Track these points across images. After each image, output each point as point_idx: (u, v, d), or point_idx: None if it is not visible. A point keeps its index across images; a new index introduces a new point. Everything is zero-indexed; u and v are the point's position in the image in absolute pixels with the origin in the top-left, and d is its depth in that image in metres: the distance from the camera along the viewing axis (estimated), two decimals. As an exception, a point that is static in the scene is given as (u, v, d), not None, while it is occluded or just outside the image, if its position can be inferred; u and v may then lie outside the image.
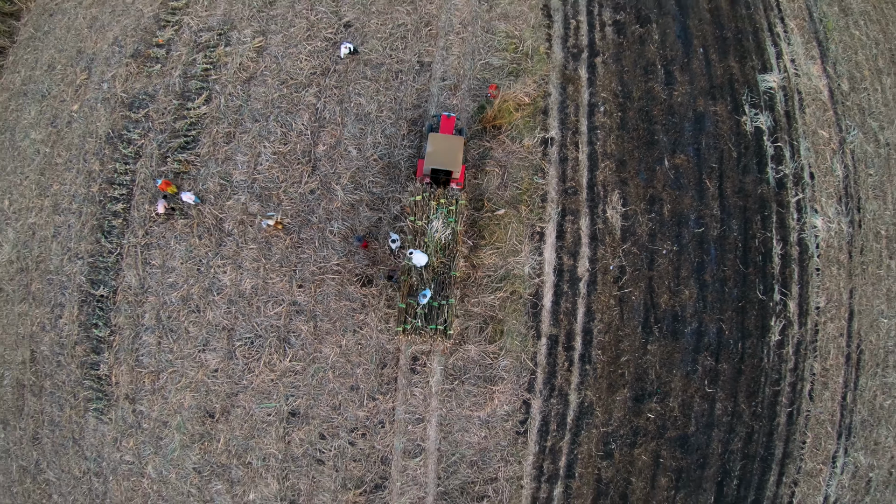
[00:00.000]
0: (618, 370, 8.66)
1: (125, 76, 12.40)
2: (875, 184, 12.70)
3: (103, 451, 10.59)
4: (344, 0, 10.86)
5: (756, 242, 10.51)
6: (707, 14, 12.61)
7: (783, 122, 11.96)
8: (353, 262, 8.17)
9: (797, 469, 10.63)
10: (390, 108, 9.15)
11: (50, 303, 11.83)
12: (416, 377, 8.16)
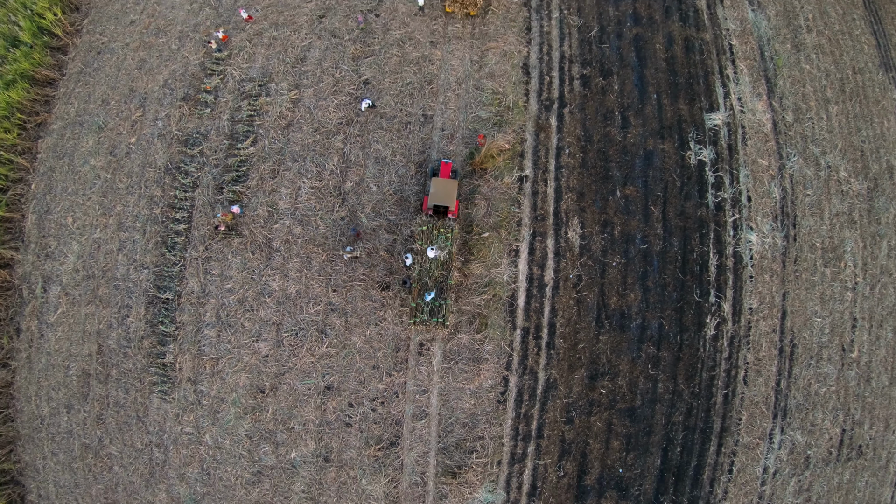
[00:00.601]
0: (576, 355, 13.43)
1: (178, 116, 17.31)
2: (813, 202, 17.64)
3: (165, 425, 15.46)
4: (363, 60, 15.68)
5: (694, 255, 15.33)
6: (663, 63, 17.53)
7: (725, 154, 16.87)
8: (375, 272, 13.08)
9: (735, 442, 15.39)
10: (401, 153, 14.01)
11: (117, 304, 16.78)
12: (422, 358, 12.98)
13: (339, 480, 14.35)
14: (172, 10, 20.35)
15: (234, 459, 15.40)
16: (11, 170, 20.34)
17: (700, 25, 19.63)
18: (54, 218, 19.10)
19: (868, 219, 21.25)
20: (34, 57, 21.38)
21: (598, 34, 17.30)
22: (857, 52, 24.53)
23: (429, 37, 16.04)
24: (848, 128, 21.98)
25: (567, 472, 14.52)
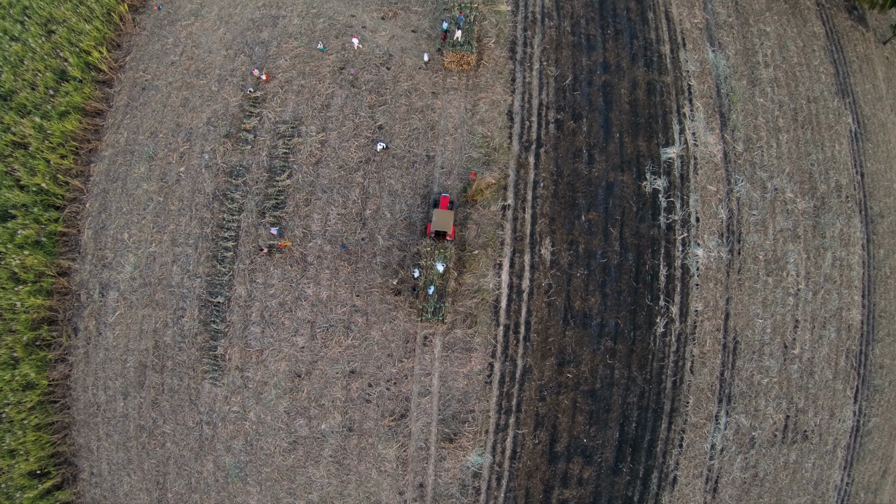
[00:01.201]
0: (547, 346, 19.90)
1: (222, 151, 23.85)
2: (757, 221, 24.28)
3: (215, 406, 22.06)
4: (377, 108, 22.16)
5: (646, 267, 21.86)
6: (627, 105, 24.12)
7: (677, 182, 23.45)
8: (389, 281, 19.60)
9: (684, 421, 22.00)
10: (410, 187, 20.49)
11: (172, 307, 23.40)
12: (426, 348, 19.48)
13: (360, 446, 20.83)
14: (210, 55, 26.94)
15: (273, 432, 21.90)
16: (67, 190, 27.11)
17: (663, 69, 26.18)
18: (110, 233, 25.78)
19: (813, 233, 27.97)
20: (84, 91, 28.16)
21: (572, 83, 23.85)
22: (813, 82, 31.35)
23: (431, 88, 22.58)
24: (798, 153, 28.67)
25: (541, 441, 21.02)
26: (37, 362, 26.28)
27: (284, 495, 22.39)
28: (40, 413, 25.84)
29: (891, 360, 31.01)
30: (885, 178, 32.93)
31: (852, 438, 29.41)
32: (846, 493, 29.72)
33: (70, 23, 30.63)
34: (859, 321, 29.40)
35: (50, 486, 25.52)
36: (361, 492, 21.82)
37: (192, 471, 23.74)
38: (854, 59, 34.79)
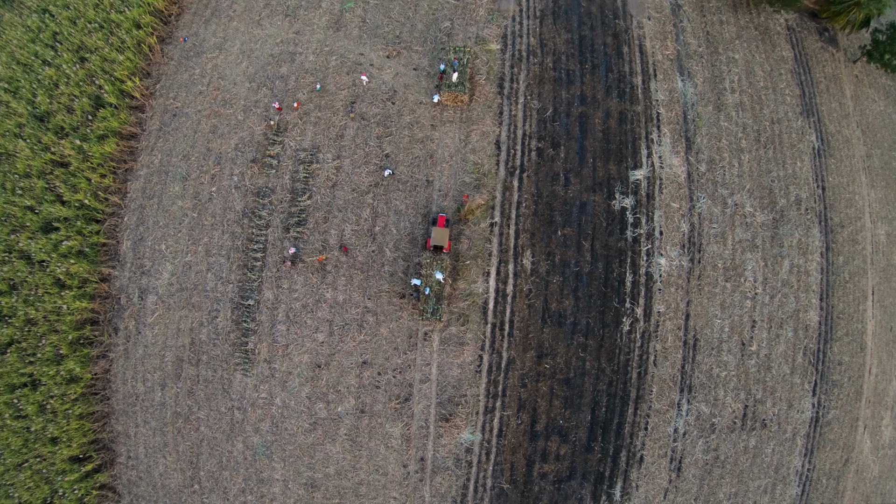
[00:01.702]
0: (527, 341, 26.74)
1: (250, 174, 30.73)
2: (717, 233, 31.20)
3: (245, 393, 29.03)
4: (384, 138, 28.97)
5: (614, 275, 28.69)
6: (600, 133, 30.98)
7: (644, 200, 30.32)
8: (397, 287, 26.54)
9: (648, 407, 28.95)
10: (412, 207, 27.32)
11: (207, 309, 30.39)
12: (426, 342, 26.40)
13: (370, 426, 27.56)
14: (235, 86, 33.80)
15: (296, 415, 28.71)
16: (107, 206, 34.05)
17: (634, 99, 32.95)
18: (148, 244, 32.69)
19: (771, 243, 34.79)
20: (121, 116, 35.13)
21: (552, 114, 30.57)
22: (778, 104, 38.22)
23: (430, 121, 29.36)
24: (759, 171, 35.48)
25: (523, 421, 27.76)
26: (80, 358, 33.35)
27: (305, 469, 29.23)
28: (83, 403, 32.86)
29: (850, 357, 37.89)
30: (847, 191, 39.78)
31: (812, 428, 36.25)
32: (808, 479, 36.60)
33: (103, 52, 37.68)
34: (817, 322, 36.23)
35: (90, 469, 32.50)
36: (371, 465, 28.65)
37: (224, 450, 30.64)
38: (822, 80, 41.69)
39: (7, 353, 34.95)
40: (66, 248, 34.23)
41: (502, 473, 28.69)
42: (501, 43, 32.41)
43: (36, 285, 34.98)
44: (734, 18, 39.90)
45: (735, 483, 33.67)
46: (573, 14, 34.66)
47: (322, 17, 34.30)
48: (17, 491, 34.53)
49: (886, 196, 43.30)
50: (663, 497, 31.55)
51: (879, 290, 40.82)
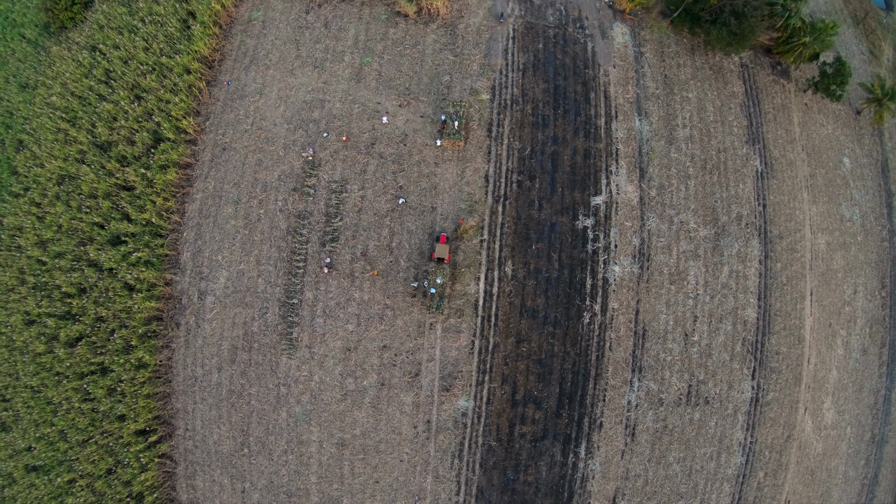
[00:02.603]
0: (509, 330, 43.03)
1: (292, 200, 46.87)
2: (664, 245, 47.88)
3: (289, 372, 45.51)
4: (398, 173, 44.77)
5: (577, 279, 44.98)
6: (568, 168, 47.32)
7: (602, 221, 46.71)
8: (408, 289, 42.85)
9: (605, 383, 45.67)
10: (421, 228, 43.29)
11: (258, 307, 46.87)
12: (431, 331, 42.71)
13: (388, 396, 43.55)
14: (275, 127, 49.84)
15: (330, 388, 44.80)
16: (169, 223, 50.18)
17: (597, 138, 48.93)
18: (205, 255, 48.85)
19: (712, 253, 51.02)
20: (179, 150, 51.38)
21: (530, 153, 46.37)
22: (725, 135, 54.51)
23: (434, 160, 45.06)
24: (703, 193, 51.68)
25: (506, 392, 43.82)
26: (148, 349, 49.58)
27: (336, 431, 45.22)
28: (149, 385, 49.03)
29: (787, 348, 54.00)
30: (787, 207, 55.91)
31: (752, 407, 52.33)
32: (751, 450, 52.70)
33: (158, 93, 53.90)
34: (755, 318, 52.33)
35: (154, 440, 48.66)
36: (389, 427, 44.61)
37: (270, 419, 46.73)
38: (770, 110, 57.95)
39: (76, 346, 51.31)
40: (135, 259, 50.53)
41: (490, 433, 44.72)
42: (490, 93, 48.21)
43: (106, 289, 51.30)
44: (691, 60, 55.97)
45: (683, 449, 49.68)
46: (550, 66, 50.47)
47: (345, 69, 50.15)
48: (81, 464, 50.89)
49: (829, 210, 59.46)
50: (620, 457, 47.55)
51: (818, 292, 56.91)
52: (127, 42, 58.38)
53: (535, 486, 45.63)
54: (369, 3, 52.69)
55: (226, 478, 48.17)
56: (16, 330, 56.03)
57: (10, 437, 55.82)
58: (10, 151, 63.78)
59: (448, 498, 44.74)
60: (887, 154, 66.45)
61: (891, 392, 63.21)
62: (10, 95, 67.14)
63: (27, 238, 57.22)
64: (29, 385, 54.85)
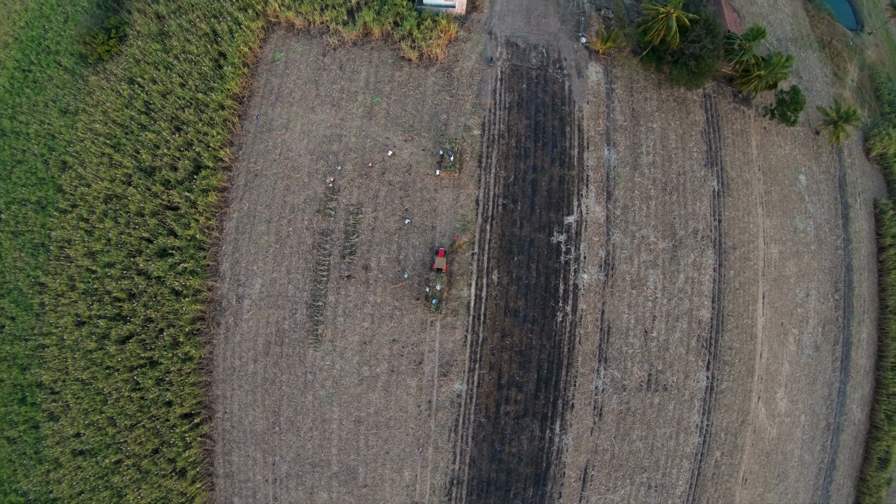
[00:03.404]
0: (495, 326, 62.90)
1: (316, 220, 66.57)
2: (626, 256, 68.03)
3: (315, 362, 65.59)
4: (405, 198, 64.00)
5: (551, 285, 64.76)
6: (545, 192, 67.03)
7: (573, 236, 66.50)
8: (414, 293, 62.80)
9: (576, 371, 65.82)
10: (423, 243, 62.78)
11: (288, 308, 66.96)
12: (432, 327, 62.53)
13: (397, 380, 63.08)
14: (299, 157, 69.42)
15: (349, 375, 64.58)
16: (210, 238, 70.21)
17: (571, 166, 68.28)
18: (242, 265, 68.79)
19: (670, 263, 70.81)
20: (218, 176, 71.36)
21: (513, 181, 65.50)
22: (685, 160, 74.33)
23: (434, 187, 64.15)
24: (663, 211, 71.33)
25: (493, 377, 63.46)
26: (194, 344, 69.54)
27: (354, 410, 64.91)
28: (194, 375, 68.99)
29: (740, 344, 73.48)
30: (741, 221, 75.29)
31: (707, 394, 71.86)
32: (707, 432, 72.25)
33: (196, 126, 73.69)
34: (709, 318, 71.81)
35: (198, 422, 68.61)
36: (397, 406, 64.24)
37: (299, 402, 66.52)
38: (729, 135, 77.39)
39: (127, 344, 71.26)
40: (181, 268, 70.36)
41: (480, 411, 64.31)
42: (481, 129, 67.28)
43: (155, 294, 71.19)
44: (657, 94, 75.15)
45: (645, 429, 69.10)
46: (532, 104, 69.53)
47: (358, 108, 69.23)
48: (129, 446, 70.88)
49: (782, 223, 78.65)
50: (590, 434, 67.04)
51: (770, 295, 76.14)
52: (164, 77, 78.19)
53: (518, 456, 65.17)
54: (378, 49, 72.17)
55: (259, 453, 67.93)
56: (66, 330, 75.89)
57: (57, 426, 75.76)
58: (54, 171, 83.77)
59: (446, 465, 64.31)
60: (845, 169, 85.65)
61: (845, 385, 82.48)
62: (50, 119, 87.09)
63: (76, 249, 77.11)
64: (78, 378, 74.67)
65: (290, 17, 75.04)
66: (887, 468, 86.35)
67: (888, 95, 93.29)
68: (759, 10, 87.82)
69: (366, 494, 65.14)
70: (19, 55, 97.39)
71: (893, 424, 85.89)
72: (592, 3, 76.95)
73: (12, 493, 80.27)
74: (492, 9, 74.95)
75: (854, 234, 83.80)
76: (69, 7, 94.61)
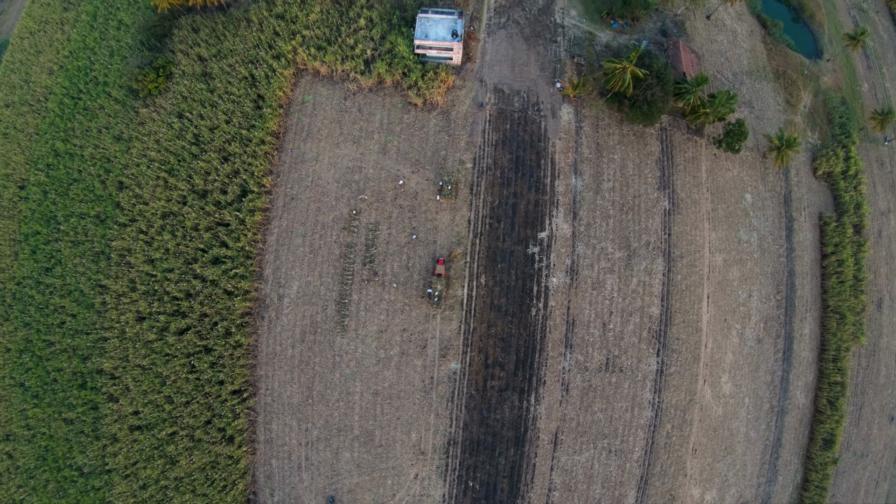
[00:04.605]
0: (483, 318, 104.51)
1: (343, 235, 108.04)
2: (588, 264, 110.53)
3: (342, 347, 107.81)
4: (413, 218, 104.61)
5: (527, 287, 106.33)
6: (523, 213, 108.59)
7: (545, 248, 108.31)
8: (420, 295, 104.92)
9: (547, 354, 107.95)
10: (427, 254, 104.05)
11: (320, 305, 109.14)
12: (434, 319, 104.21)
13: (406, 361, 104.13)
14: (328, 185, 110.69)
15: (368, 357, 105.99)
16: (255, 249, 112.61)
17: (544, 192, 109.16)
18: (282, 271, 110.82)
19: (625, 269, 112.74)
20: (262, 199, 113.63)
21: (498, 204, 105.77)
22: (641, 185, 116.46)
23: (435, 209, 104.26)
24: (620, 228, 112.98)
25: (481, 358, 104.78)
26: (243, 334, 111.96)
27: (371, 384, 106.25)
28: (243, 359, 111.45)
29: (686, 335, 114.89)
30: (689, 235, 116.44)
31: (658, 376, 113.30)
32: (659, 407, 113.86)
33: (242, 157, 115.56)
34: (658, 314, 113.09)
35: (245, 396, 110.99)
36: (406, 381, 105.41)
37: (328, 379, 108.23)
38: (681, 162, 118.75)
39: (185, 335, 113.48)
40: (232, 273, 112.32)
41: (471, 385, 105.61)
42: (473, 163, 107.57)
43: (210, 294, 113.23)
44: (619, 130, 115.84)
45: (604, 402, 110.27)
46: (514, 141, 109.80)
47: (374, 145, 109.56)
48: (185, 419, 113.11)
49: (727, 235, 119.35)
50: (559, 405, 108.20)
51: (714, 296, 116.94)
52: (210, 114, 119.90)
53: (501, 422, 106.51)
54: (389, 95, 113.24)
55: (294, 421, 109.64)
56: (128, 325, 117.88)
57: (116, 406, 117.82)
58: (111, 189, 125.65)
59: (444, 428, 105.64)
60: (792, 187, 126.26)
61: (788, 373, 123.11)
62: (104, 144, 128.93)
63: (136, 257, 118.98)
64: (139, 365, 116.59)
65: (317, 65, 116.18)
66: (832, 448, 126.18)
67: (839, 119, 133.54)
68: (719, 48, 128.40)
69: (381, 453, 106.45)
70: (66, 83, 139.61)
71: (836, 410, 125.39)
72: (567, 52, 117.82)
73: (66, 469, 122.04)
74: (483, 59, 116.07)
75: (798, 243, 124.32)
76: (113, 42, 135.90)
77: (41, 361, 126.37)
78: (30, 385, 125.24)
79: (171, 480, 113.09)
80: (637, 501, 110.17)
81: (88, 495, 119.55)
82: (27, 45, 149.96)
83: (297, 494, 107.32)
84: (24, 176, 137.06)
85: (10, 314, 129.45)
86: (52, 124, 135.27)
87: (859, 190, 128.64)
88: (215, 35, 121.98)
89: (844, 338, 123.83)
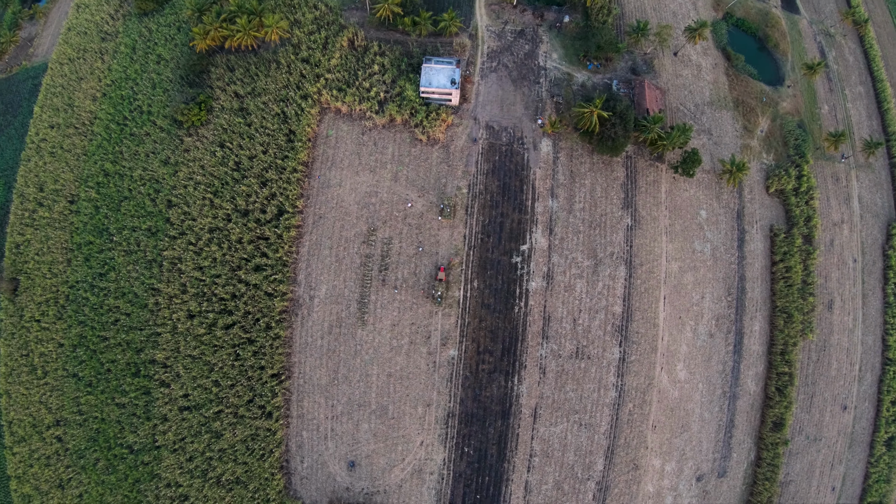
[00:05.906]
0: (475, 314, 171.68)
1: (363, 248, 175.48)
2: (561, 271, 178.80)
3: (362, 338, 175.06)
4: (419, 234, 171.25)
5: (510, 290, 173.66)
6: (508, 230, 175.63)
7: (527, 258, 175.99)
8: (425, 295, 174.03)
9: (527, 344, 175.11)
10: (430, 263, 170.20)
11: (344, 304, 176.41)
12: (437, 315, 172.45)
13: (414, 349, 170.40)
14: (349, 206, 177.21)
15: (384, 345, 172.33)
16: (290, 258, 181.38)
17: (525, 212, 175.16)
18: (313, 276, 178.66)
19: (591, 275, 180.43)
20: (296, 218, 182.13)
21: (488, 222, 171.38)
22: (607, 205, 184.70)
23: (437, 227, 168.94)
24: (588, 241, 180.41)
25: (474, 347, 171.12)
26: (281, 328, 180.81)
27: (386, 367, 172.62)
28: (281, 349, 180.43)
29: (645, 330, 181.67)
30: (648, 247, 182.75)
31: (620, 363, 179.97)
32: (622, 390, 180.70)
33: (278, 183, 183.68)
34: (621, 311, 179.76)
35: (283, 378, 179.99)
36: (413, 364, 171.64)
37: (350, 364, 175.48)
38: (644, 185, 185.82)
39: (231, 329, 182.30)
40: (272, 279, 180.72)
41: (466, 368, 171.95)
42: (468, 189, 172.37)
43: (253, 296, 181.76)
44: (590, 159, 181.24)
45: (575, 384, 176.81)
46: (502, 170, 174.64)
47: (388, 174, 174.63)
48: (230, 399, 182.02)
49: (683, 246, 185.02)
50: (537, 385, 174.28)
51: (670, 297, 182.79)
52: (248, 145, 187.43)
53: (491, 398, 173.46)
54: (399, 131, 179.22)
55: (322, 398, 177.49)
56: (179, 322, 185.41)
57: (167, 391, 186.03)
58: (161, 206, 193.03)
59: (445, 404, 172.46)
60: (745, 203, 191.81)
61: (739, 364, 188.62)
62: (153, 167, 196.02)
63: (186, 265, 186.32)
64: (189, 355, 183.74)
65: (338, 105, 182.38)
66: (782, 431, 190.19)
67: (794, 141, 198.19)
68: (684, 82, 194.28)
69: (393, 424, 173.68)
70: (111, 109, 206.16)
71: (784, 396, 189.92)
72: (548, 92, 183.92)
73: (116, 447, 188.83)
74: (476, 99, 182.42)
75: (749, 252, 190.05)
76: (154, 76, 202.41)
77: (95, 354, 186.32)
78: (83, 375, 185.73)
79: (215, 452, 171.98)
80: (605, 468, 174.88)
81: (137, 469, 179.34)
82: (67, 70, 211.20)
83: (323, 460, 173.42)
84: (74, 192, 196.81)
85: (64, 314, 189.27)
86: (100, 147, 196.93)
87: (811, 204, 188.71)
88: (249, 75, 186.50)
89: (792, 334, 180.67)
